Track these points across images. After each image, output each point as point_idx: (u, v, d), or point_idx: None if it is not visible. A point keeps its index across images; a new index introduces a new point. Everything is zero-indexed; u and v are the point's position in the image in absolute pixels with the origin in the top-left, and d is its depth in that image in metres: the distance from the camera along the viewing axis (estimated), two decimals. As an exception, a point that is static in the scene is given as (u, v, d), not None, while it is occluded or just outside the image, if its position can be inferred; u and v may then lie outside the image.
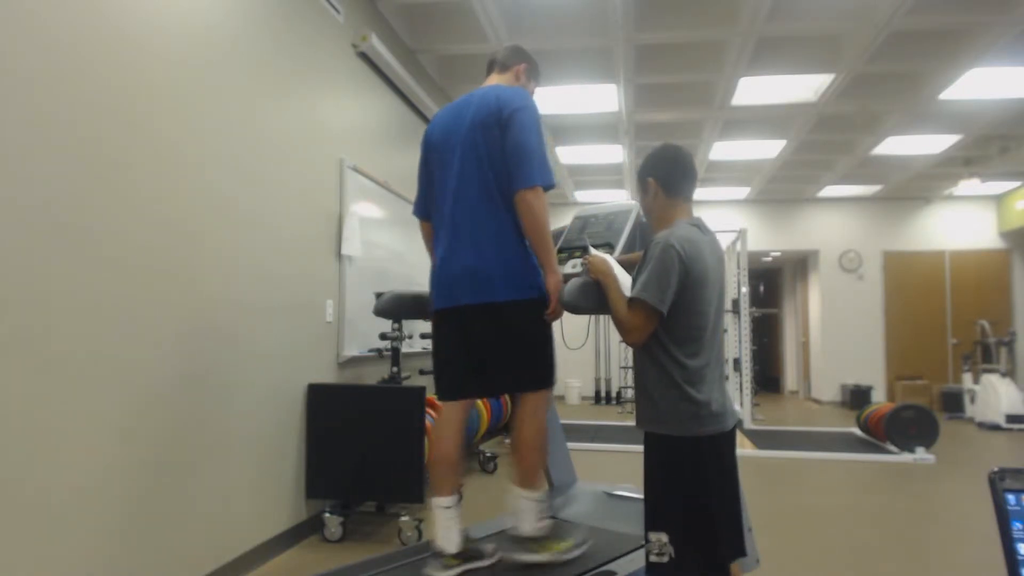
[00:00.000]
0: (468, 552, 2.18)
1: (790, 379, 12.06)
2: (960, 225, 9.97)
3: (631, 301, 1.87)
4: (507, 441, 6.18)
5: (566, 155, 7.89)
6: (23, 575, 1.91)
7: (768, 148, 7.61)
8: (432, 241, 2.34)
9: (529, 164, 2.08)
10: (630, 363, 11.15)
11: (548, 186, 2.11)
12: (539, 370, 2.22)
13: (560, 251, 2.43)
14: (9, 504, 1.87)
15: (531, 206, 2.07)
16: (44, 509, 1.98)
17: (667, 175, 1.99)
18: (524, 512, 2.20)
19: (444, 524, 2.17)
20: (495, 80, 2.34)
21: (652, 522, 1.82)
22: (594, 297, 2.01)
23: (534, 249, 2.14)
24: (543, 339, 2.21)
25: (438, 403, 2.34)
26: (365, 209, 4.24)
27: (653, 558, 1.79)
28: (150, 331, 2.41)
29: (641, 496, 2.12)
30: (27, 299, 1.93)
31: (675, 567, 1.76)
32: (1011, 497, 0.85)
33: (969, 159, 7.89)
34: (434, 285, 2.27)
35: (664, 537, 1.78)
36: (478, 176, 2.14)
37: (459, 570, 2.14)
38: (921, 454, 5.73)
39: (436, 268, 2.27)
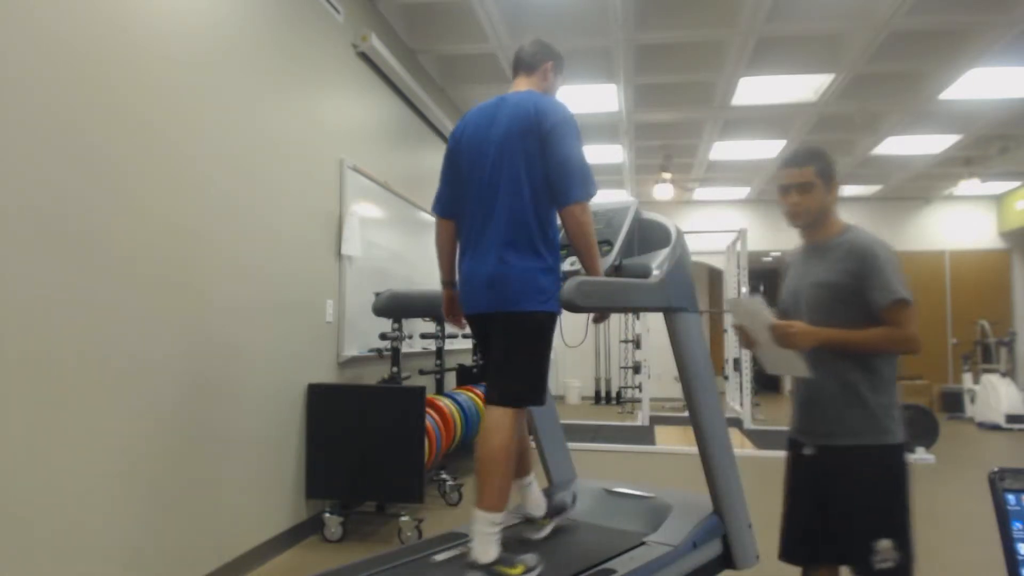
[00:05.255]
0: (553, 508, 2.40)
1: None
2: (960, 225, 9.97)
3: (905, 304, 1.86)
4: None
5: (566, 155, 7.89)
6: (27, 574, 1.91)
7: (768, 148, 7.61)
8: (450, 241, 2.32)
9: (572, 179, 2.09)
10: (630, 363, 10.92)
11: (592, 197, 2.14)
12: (519, 384, 2.11)
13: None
14: (12, 504, 1.87)
15: (579, 220, 2.10)
16: (45, 509, 1.98)
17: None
18: (479, 535, 1.97)
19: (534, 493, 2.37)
20: (524, 84, 2.31)
21: (880, 530, 1.86)
22: (598, 297, 2.02)
23: (582, 261, 2.15)
24: (536, 354, 2.13)
25: (438, 403, 2.32)
26: (365, 209, 4.24)
27: (881, 565, 1.83)
28: (151, 332, 2.41)
29: (642, 493, 2.08)
30: (28, 301, 1.93)
31: (899, 571, 1.83)
32: (1011, 497, 0.85)
33: (969, 159, 7.89)
34: (462, 288, 2.25)
35: (890, 543, 1.83)
36: (512, 184, 2.12)
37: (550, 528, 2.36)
38: (921, 454, 5.72)
39: (462, 271, 2.25)
